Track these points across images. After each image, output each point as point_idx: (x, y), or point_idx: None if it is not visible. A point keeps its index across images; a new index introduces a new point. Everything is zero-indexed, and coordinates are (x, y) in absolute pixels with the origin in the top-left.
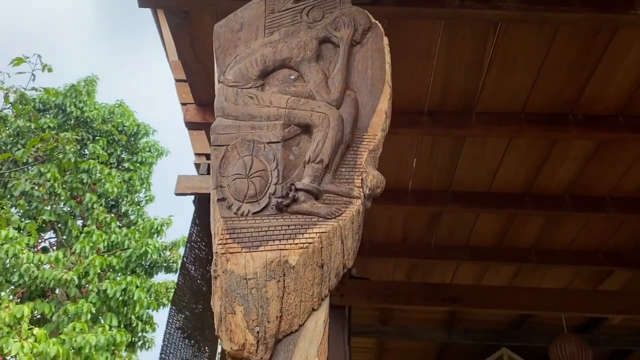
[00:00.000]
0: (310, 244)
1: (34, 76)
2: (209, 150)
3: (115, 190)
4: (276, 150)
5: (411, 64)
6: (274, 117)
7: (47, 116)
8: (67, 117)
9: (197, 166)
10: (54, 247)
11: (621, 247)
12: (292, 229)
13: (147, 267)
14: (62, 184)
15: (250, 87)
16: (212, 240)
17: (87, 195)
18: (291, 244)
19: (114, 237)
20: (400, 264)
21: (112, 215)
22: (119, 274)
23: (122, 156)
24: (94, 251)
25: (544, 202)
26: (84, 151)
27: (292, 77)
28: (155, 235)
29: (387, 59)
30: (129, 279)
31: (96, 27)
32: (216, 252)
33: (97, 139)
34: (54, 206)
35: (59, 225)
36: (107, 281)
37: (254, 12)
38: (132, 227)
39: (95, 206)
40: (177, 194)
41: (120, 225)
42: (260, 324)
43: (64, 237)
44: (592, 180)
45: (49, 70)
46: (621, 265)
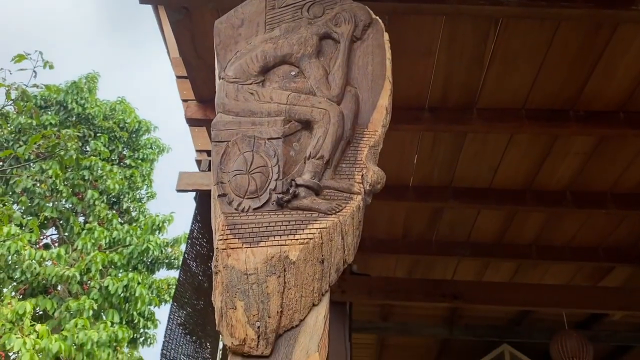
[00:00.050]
0: (310, 239)
1: (35, 73)
2: (210, 146)
3: (116, 187)
4: (277, 146)
5: (412, 60)
6: (275, 113)
7: (49, 113)
8: (68, 114)
9: (198, 163)
10: (56, 244)
11: (622, 243)
12: (293, 225)
13: (148, 263)
14: (64, 181)
15: (250, 83)
16: (213, 236)
17: (89, 192)
18: (292, 240)
19: (115, 233)
20: (401, 260)
21: (114, 211)
22: (121, 271)
23: (124, 153)
24: (96, 248)
25: (544, 198)
26: (86, 148)
27: (293, 73)
28: (156, 231)
29: (388, 55)
30: (130, 275)
31: (97, 24)
32: (217, 248)
33: (98, 135)
34: (56, 203)
35: (61, 221)
36: (108, 278)
37: (255, 8)
38: (134, 224)
39: (96, 203)
40: (179, 191)
41: (121, 221)
42: (261, 319)
43: (66, 233)
44: (593, 176)
45: (51, 67)
46: (622, 261)
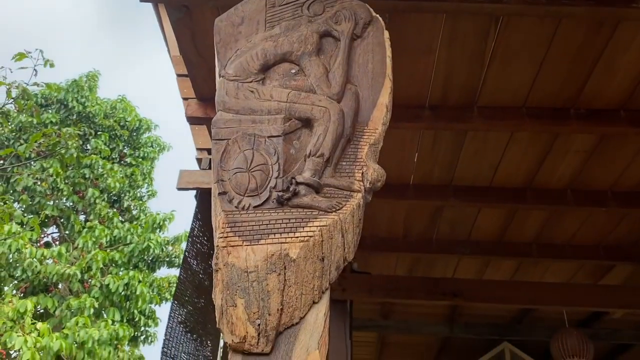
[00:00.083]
0: (310, 237)
1: (35, 71)
2: (211, 145)
3: (117, 185)
4: (277, 144)
5: (412, 58)
6: (275, 111)
7: (49, 111)
8: (69, 112)
9: (198, 161)
10: (57, 242)
11: (622, 241)
12: (293, 223)
13: (149, 261)
14: (65, 179)
15: (251, 81)
16: (214, 234)
17: (90, 190)
18: (292, 237)
19: (116, 232)
20: (401, 258)
21: (115, 210)
22: (122, 269)
23: (124, 151)
24: (97, 246)
25: (545, 197)
26: (86, 146)
27: (293, 71)
28: (157, 230)
29: (388, 52)
30: (131, 273)
31: (97, 23)
32: (217, 246)
33: (99, 134)
34: (57, 201)
35: (62, 220)
36: (109, 276)
37: (255, 6)
38: (135, 222)
39: (97, 201)
40: (179, 189)
41: (122, 220)
42: (261, 317)
43: (67, 232)
44: (594, 174)
45: (51, 65)
46: (622, 259)
